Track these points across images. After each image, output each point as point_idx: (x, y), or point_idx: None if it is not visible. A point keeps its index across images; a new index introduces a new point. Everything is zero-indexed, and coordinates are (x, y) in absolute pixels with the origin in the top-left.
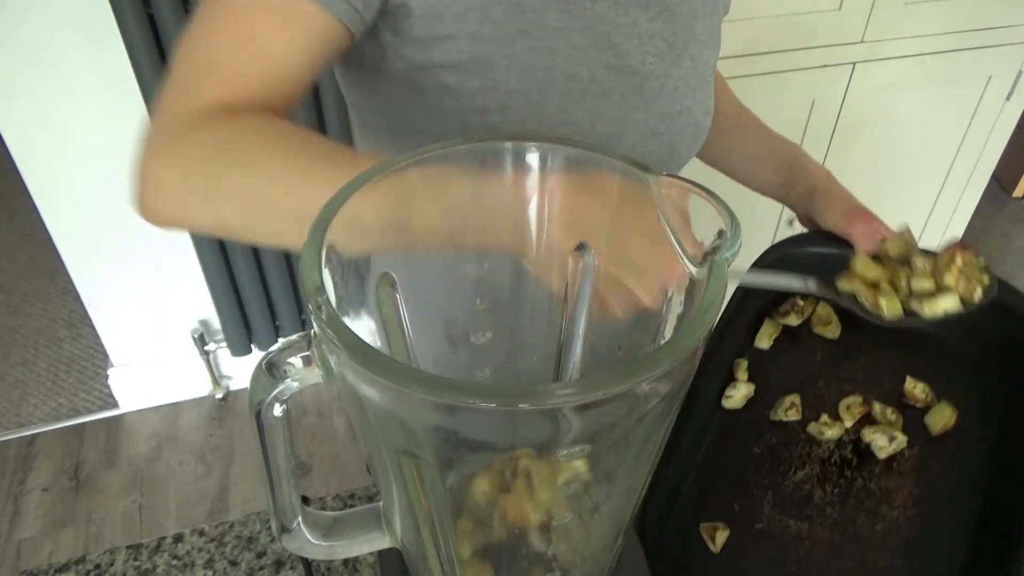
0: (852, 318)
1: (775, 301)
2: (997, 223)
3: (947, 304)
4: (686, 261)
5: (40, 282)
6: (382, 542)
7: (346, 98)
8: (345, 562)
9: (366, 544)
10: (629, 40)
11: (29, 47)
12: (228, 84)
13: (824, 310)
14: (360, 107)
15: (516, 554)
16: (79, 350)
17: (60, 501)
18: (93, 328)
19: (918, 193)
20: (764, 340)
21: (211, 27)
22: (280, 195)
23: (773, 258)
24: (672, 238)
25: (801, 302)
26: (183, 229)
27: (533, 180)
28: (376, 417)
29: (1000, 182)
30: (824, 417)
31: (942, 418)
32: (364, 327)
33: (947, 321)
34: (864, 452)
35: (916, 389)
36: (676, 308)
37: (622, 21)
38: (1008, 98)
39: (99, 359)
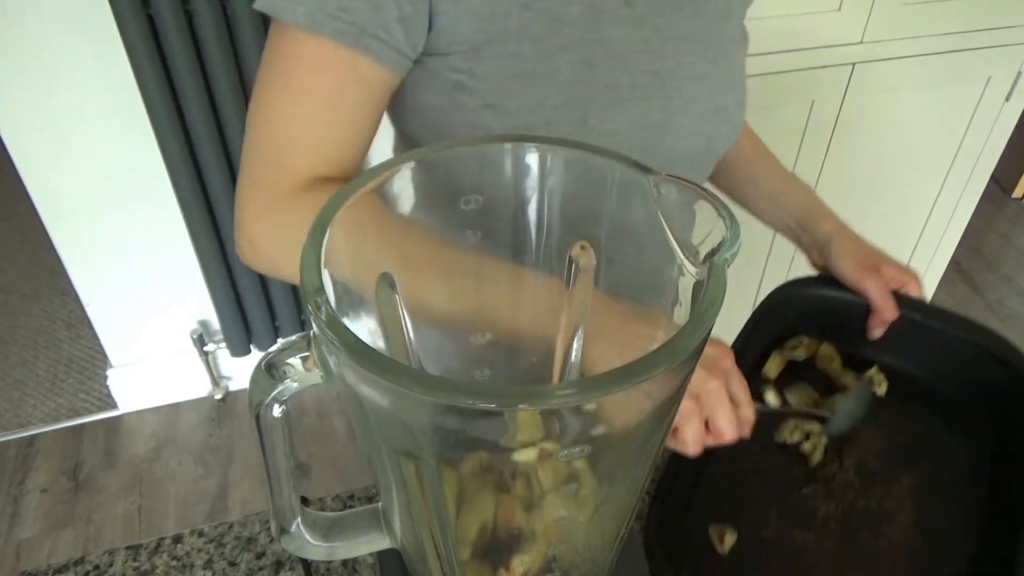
0: (853, 359)
1: (783, 336)
2: (997, 223)
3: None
4: (686, 262)
5: (39, 283)
6: (381, 543)
7: (391, 121)
8: (344, 563)
9: (365, 545)
10: (668, 42)
11: (28, 48)
12: (312, 154)
13: (827, 349)
14: (402, 128)
15: (516, 555)
16: (78, 351)
17: (59, 502)
18: (92, 329)
19: (918, 194)
20: (772, 370)
21: (282, 97)
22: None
23: (778, 299)
24: (672, 238)
25: (807, 340)
26: (275, 277)
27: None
28: (375, 418)
29: (1000, 183)
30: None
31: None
32: (363, 328)
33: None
34: (866, 476)
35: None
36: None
37: (660, 23)
38: (1007, 99)
39: (98, 360)
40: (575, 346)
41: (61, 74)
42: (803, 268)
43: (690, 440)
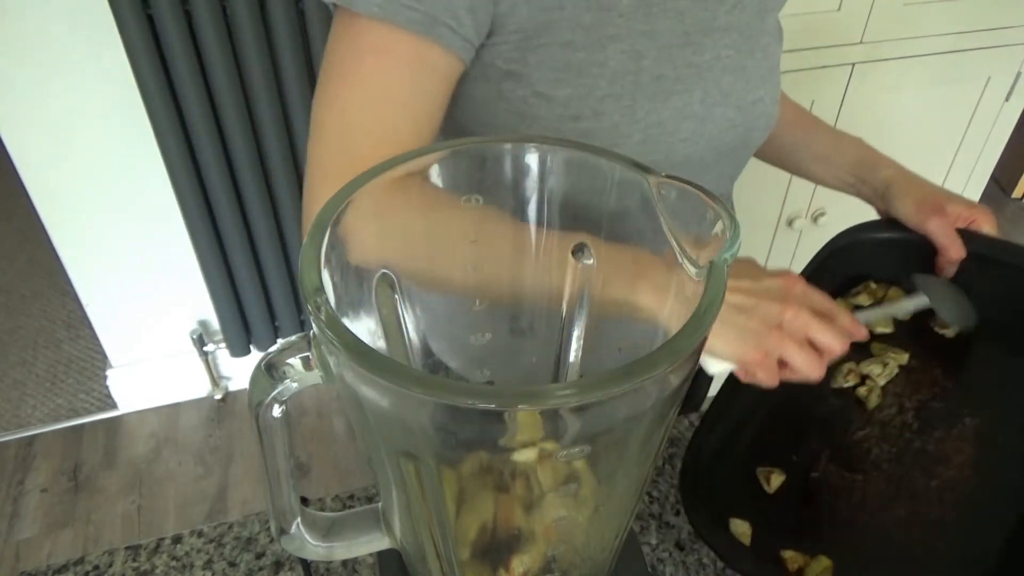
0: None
1: (847, 284)
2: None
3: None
4: (685, 262)
5: (39, 283)
6: (381, 543)
7: None
8: (344, 563)
9: (365, 545)
10: (708, 35)
11: (28, 48)
12: (384, 141)
13: (895, 293)
14: (447, 119)
15: (515, 555)
16: (78, 351)
17: (59, 502)
18: (92, 329)
19: None
20: None
21: (353, 84)
22: (448, 243)
23: (843, 243)
24: (672, 239)
25: (874, 285)
26: None
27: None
28: (375, 418)
29: (999, 183)
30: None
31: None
32: (363, 328)
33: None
34: (926, 418)
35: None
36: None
37: (702, 16)
38: (1007, 99)
39: (98, 360)
40: (574, 346)
41: (61, 74)
42: (802, 269)
43: (801, 364)
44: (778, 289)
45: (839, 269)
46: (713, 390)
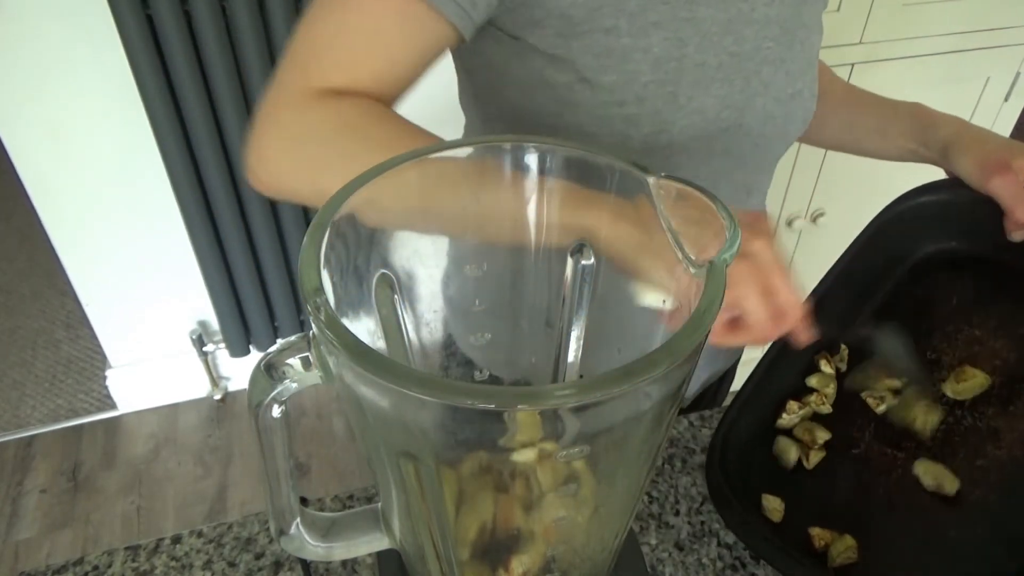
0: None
1: (907, 248)
2: None
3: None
4: (685, 262)
5: (38, 283)
6: (381, 543)
7: (462, 97)
8: (344, 563)
9: (365, 545)
10: (749, 26)
11: (27, 48)
12: (343, 69)
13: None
14: (483, 105)
15: (515, 555)
16: (77, 351)
17: (58, 502)
18: (91, 329)
19: None
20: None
21: (332, 12)
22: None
23: (904, 207)
24: (672, 239)
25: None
26: (286, 198)
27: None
28: (374, 418)
29: None
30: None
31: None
32: (363, 328)
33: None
34: (982, 393)
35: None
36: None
37: (742, 7)
38: (1006, 99)
39: (97, 360)
40: (574, 346)
41: (60, 75)
42: (801, 269)
43: (760, 317)
44: (744, 220)
45: (898, 234)
46: (734, 386)
